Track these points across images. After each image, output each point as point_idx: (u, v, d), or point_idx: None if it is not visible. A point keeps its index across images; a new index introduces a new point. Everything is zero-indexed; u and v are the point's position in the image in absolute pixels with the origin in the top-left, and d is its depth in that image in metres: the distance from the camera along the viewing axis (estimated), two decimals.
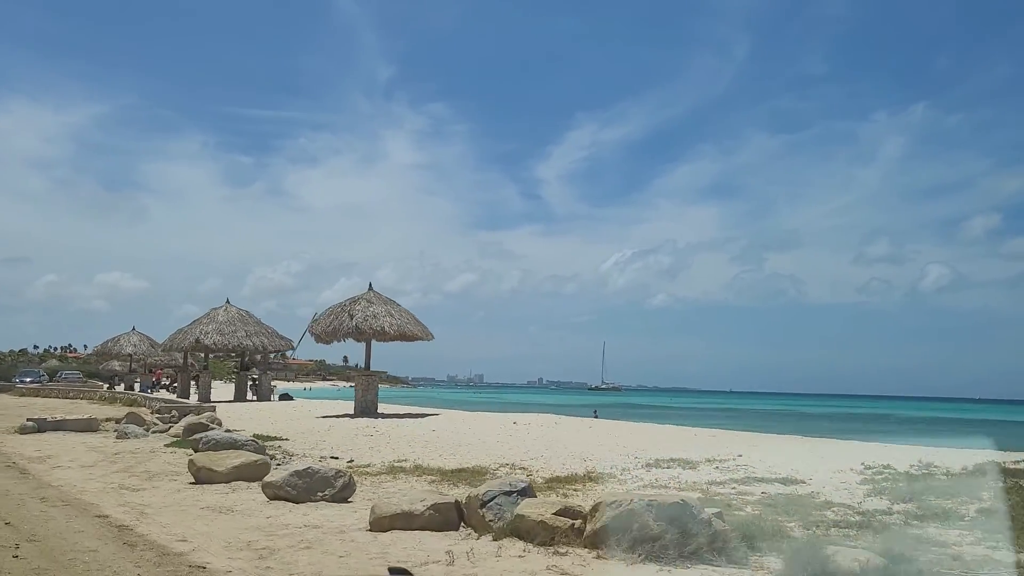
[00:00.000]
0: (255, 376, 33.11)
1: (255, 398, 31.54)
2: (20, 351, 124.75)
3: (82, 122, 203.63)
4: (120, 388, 42.64)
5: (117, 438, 13.96)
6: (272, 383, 33.44)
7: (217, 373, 58.65)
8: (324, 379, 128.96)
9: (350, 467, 9.98)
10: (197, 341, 29.46)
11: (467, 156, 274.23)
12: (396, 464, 10.72)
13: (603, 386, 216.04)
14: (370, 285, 21.81)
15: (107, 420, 16.52)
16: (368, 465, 10.65)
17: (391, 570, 4.16)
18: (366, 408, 20.83)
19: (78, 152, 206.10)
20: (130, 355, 40.11)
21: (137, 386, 40.33)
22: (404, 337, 20.88)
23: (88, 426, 15.12)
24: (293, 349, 31.84)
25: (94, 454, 11.86)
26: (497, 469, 10.29)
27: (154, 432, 14.61)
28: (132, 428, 14.21)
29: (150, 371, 45.08)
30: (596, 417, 29.31)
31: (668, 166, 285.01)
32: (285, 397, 31.31)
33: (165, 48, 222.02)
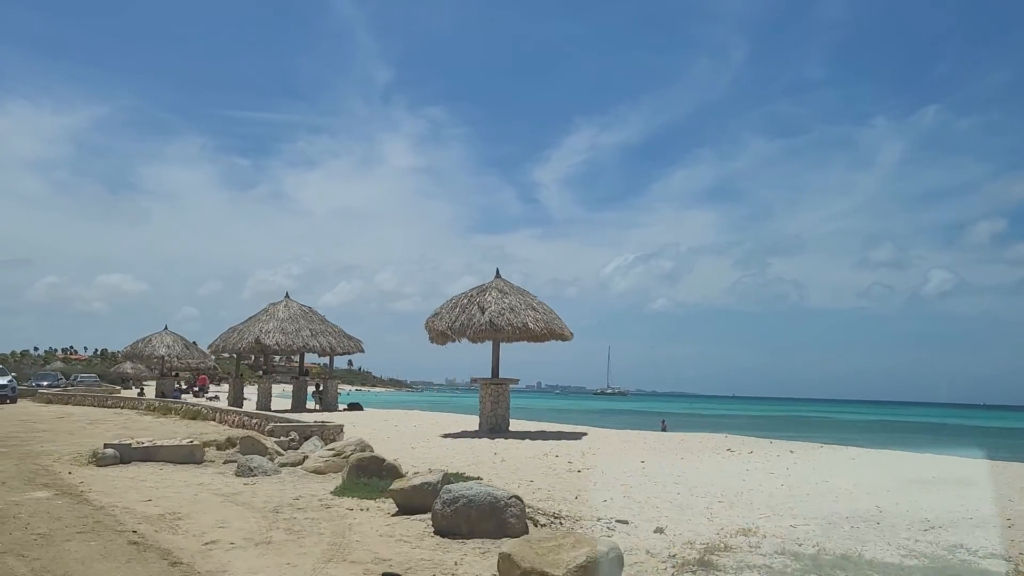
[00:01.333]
0: (316, 382, 28.86)
1: (317, 407, 27.37)
2: (23, 352, 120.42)
3: (81, 124, 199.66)
4: (131, 391, 38.41)
5: (239, 475, 9.83)
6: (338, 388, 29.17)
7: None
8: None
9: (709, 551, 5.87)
10: (257, 342, 25.30)
11: (465, 160, 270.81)
12: (746, 533, 6.57)
13: (608, 390, 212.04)
14: (497, 271, 17.71)
15: (204, 444, 12.34)
16: (720, 547, 6.48)
17: None
18: (496, 425, 16.70)
19: (77, 154, 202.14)
20: (162, 357, 35.87)
21: (172, 390, 36.11)
22: (550, 335, 16.75)
23: (190, 456, 10.96)
24: (362, 351, 27.66)
25: (238, 510, 7.72)
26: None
27: (284, 465, 10.46)
28: (257, 461, 10.05)
29: (197, 375, 40.91)
30: (665, 430, 25.59)
31: (666, 170, 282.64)
32: (354, 407, 27.10)
33: (163, 51, 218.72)
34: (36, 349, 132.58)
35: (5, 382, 34.60)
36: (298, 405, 26.98)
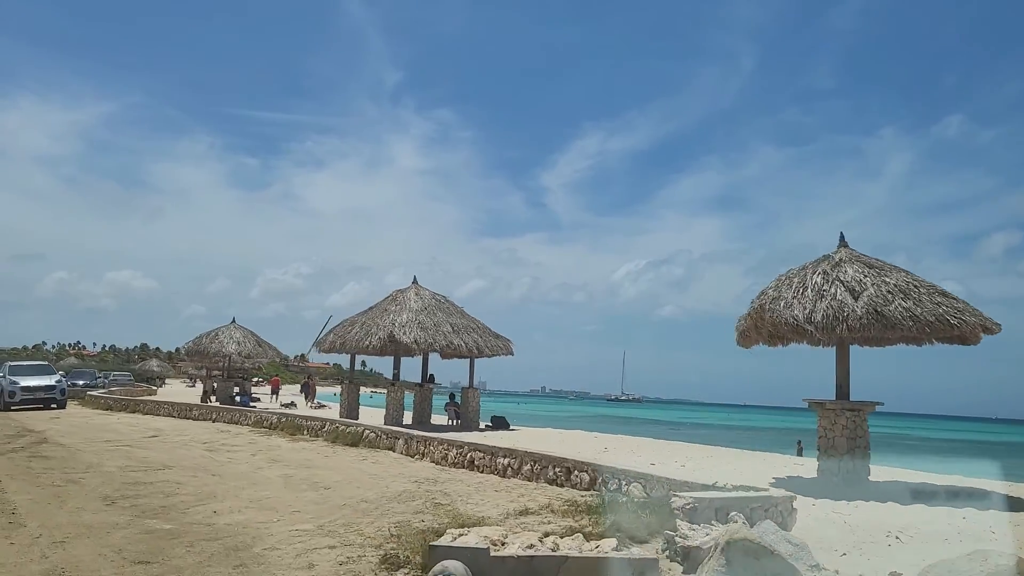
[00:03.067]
0: (452, 392, 23.28)
1: (455, 422, 21.85)
2: (35, 347, 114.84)
3: (90, 120, 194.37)
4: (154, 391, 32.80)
5: None
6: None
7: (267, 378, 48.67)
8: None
9: None
10: (391, 338, 19.75)
11: (473, 163, 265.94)
12: None
13: (623, 397, 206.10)
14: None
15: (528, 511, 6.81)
16: None
17: None
18: (854, 472, 11.19)
19: (86, 150, 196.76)
20: (230, 355, 30.36)
21: (239, 395, 30.57)
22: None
23: None
24: (511, 353, 22.10)
25: None
26: None
27: None
28: None
29: (309, 377, 35.52)
30: (802, 455, 20.11)
31: (674, 177, 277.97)
32: (500, 424, 21.51)
33: (173, 48, 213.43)
34: (44, 343, 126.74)
35: (52, 382, 29.13)
36: (420, 419, 21.43)
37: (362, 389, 25.69)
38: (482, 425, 21.64)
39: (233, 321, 31.17)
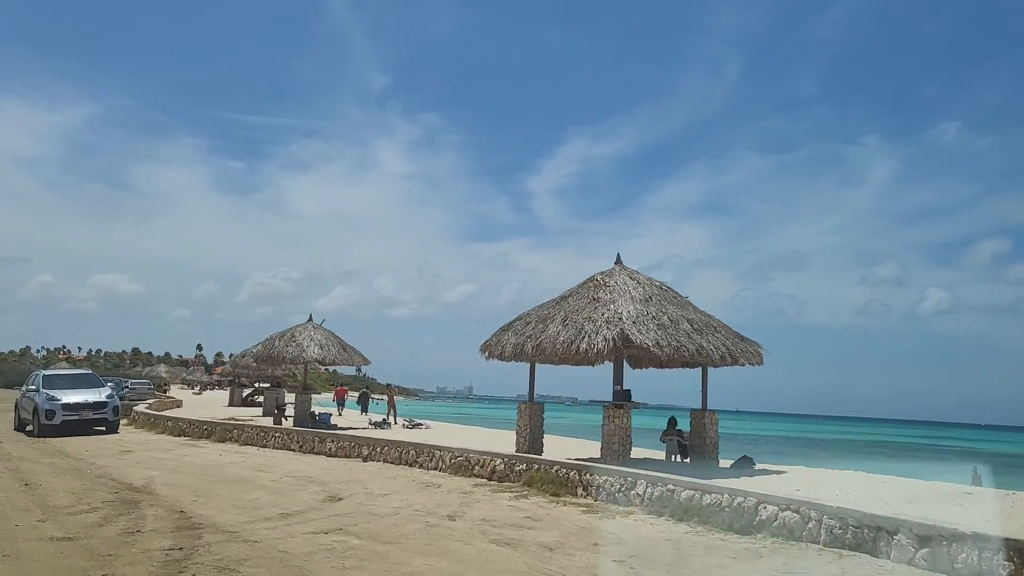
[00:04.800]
0: (673, 417, 16.88)
1: (677, 458, 15.64)
2: (22, 351, 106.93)
3: (73, 122, 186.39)
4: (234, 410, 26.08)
5: None
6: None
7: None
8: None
9: None
10: (622, 337, 13.44)
11: (459, 167, 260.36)
12: None
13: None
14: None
15: None
16: None
17: None
18: None
19: (69, 152, 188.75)
20: (308, 362, 23.97)
21: (316, 414, 24.10)
22: None
23: None
24: (760, 362, 15.90)
25: None
26: None
27: None
28: None
29: (388, 387, 29.18)
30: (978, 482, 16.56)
31: (659, 182, 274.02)
32: (745, 463, 15.23)
33: (157, 51, 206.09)
34: (29, 348, 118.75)
35: (103, 398, 22.24)
36: (612, 451, 15.02)
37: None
38: (723, 463, 15.39)
39: (310, 320, 24.70)
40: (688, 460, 15.52)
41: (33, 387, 22.59)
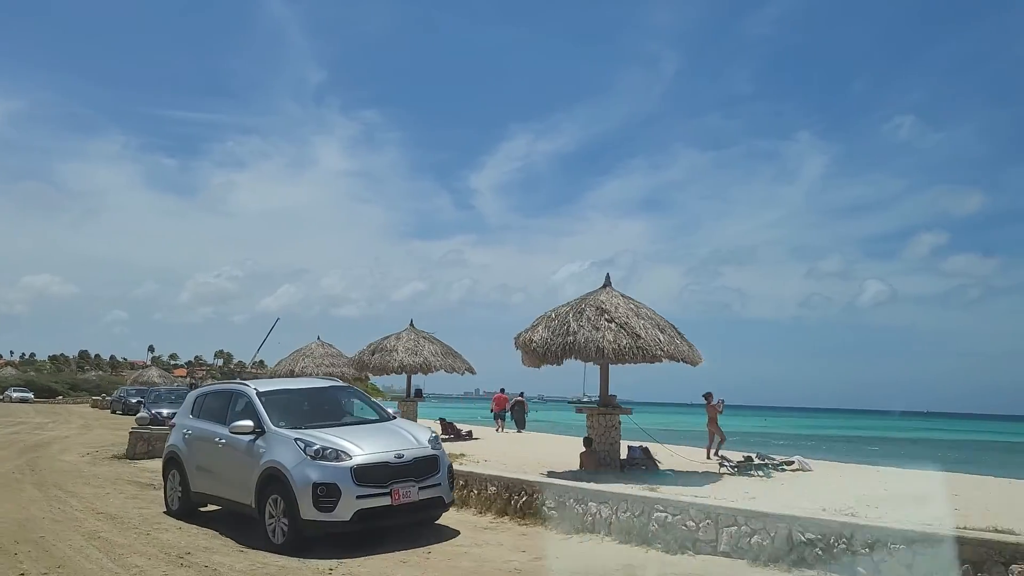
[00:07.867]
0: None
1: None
2: None
3: None
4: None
5: None
6: None
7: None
8: None
9: None
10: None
11: (399, 164, 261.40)
12: None
13: (585, 399, 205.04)
14: None
15: None
16: None
17: None
18: None
19: None
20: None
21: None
22: None
23: None
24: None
25: None
26: None
27: None
28: None
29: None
30: None
31: (600, 179, 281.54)
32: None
33: (84, 45, 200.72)
34: None
35: (426, 445, 8.97)
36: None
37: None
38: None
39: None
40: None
41: (245, 422, 9.03)
